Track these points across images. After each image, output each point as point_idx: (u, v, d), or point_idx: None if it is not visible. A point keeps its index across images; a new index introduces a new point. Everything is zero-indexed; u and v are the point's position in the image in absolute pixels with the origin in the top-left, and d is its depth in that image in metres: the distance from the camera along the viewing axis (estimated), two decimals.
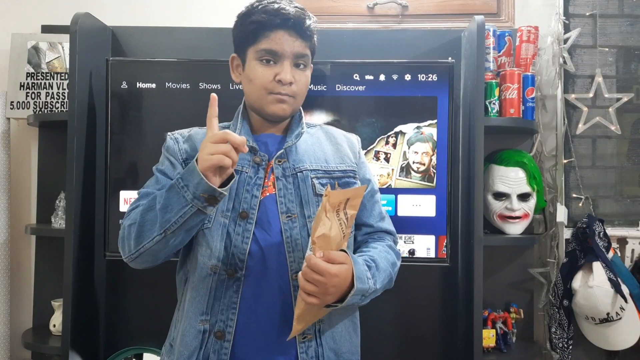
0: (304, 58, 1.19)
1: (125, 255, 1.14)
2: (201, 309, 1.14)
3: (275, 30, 1.15)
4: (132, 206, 1.16)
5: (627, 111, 2.05)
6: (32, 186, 2.12)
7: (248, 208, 1.16)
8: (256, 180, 1.18)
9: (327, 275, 1.02)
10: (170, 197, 1.06)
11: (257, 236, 1.15)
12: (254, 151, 1.20)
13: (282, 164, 1.20)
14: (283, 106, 1.18)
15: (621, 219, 2.05)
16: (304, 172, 1.21)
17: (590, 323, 1.87)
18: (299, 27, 1.16)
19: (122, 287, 2.00)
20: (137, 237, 1.10)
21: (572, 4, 2.05)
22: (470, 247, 1.77)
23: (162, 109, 1.82)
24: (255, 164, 1.19)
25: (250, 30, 1.17)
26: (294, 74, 1.17)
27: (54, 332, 1.94)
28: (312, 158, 1.23)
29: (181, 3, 2.14)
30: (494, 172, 1.91)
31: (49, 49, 2.06)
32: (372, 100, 1.81)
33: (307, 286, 1.02)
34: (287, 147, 1.21)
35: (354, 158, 1.30)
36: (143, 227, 1.09)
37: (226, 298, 1.14)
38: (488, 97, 1.88)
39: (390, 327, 1.99)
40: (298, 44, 1.17)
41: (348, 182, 1.25)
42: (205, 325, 1.14)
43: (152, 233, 1.08)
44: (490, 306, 1.96)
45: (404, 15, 2.12)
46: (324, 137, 1.30)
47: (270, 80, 1.16)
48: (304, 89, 1.22)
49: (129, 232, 1.11)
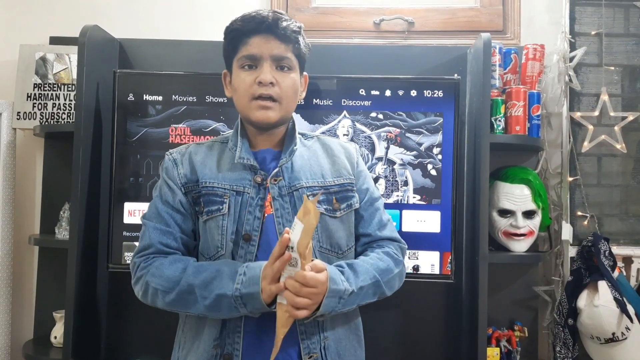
0: (285, 60, 1.18)
1: (146, 302, 1.18)
2: (215, 334, 1.14)
3: (252, 35, 1.16)
4: (141, 254, 1.18)
5: (633, 130, 2.05)
6: (37, 197, 2.12)
7: (251, 230, 1.15)
8: (258, 201, 1.17)
9: (320, 285, 1.03)
10: (222, 305, 1.09)
11: (260, 259, 1.14)
12: (255, 170, 1.19)
13: (278, 182, 1.19)
14: (268, 113, 1.16)
15: (627, 238, 2.04)
16: (300, 191, 1.19)
17: (596, 343, 1.85)
18: (275, 29, 1.16)
19: (124, 299, 1.99)
20: (168, 305, 1.14)
21: (578, 23, 2.06)
22: (475, 264, 1.76)
23: (168, 121, 1.83)
24: (256, 184, 1.18)
25: (230, 40, 1.20)
26: (275, 76, 1.16)
27: (55, 344, 1.93)
28: (309, 174, 1.22)
29: (188, 16, 2.15)
30: (499, 189, 1.90)
31: (56, 60, 2.07)
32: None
33: (300, 301, 1.02)
34: (282, 166, 1.20)
35: (352, 169, 1.27)
36: (178, 304, 1.13)
37: (231, 322, 1.14)
38: (494, 114, 1.88)
39: (393, 343, 1.97)
40: (276, 45, 1.16)
41: (346, 197, 1.24)
42: (217, 350, 1.14)
43: (188, 309, 1.13)
44: (495, 324, 1.95)
45: (410, 32, 2.13)
46: (320, 150, 1.28)
47: (251, 84, 1.16)
48: (289, 92, 1.19)
49: (155, 294, 1.14)
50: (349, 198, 1.24)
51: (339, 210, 1.21)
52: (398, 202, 1.82)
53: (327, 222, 1.19)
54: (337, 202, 1.21)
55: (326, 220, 1.19)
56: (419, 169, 1.83)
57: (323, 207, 1.19)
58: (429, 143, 1.83)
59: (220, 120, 1.81)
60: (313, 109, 1.82)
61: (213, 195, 1.17)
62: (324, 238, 1.19)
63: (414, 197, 1.82)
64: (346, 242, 1.23)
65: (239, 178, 1.18)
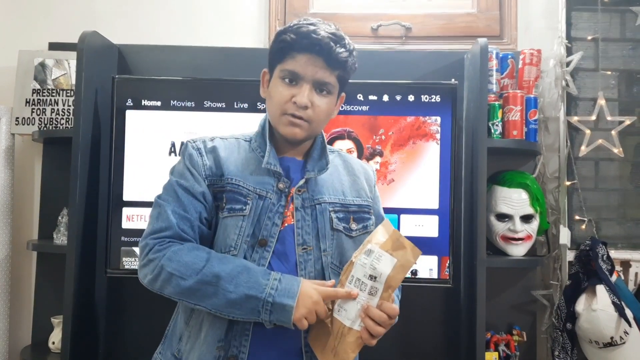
0: (326, 85, 1.15)
1: (152, 288, 1.12)
2: (220, 335, 1.12)
3: (302, 52, 1.12)
4: (156, 235, 1.12)
5: (630, 134, 2.05)
6: (35, 202, 2.12)
7: (268, 236, 1.14)
8: (278, 208, 1.15)
9: (396, 316, 1.08)
10: (245, 304, 1.05)
11: (273, 266, 1.13)
12: (278, 176, 1.17)
13: (302, 194, 1.18)
14: (295, 130, 1.14)
15: (624, 242, 2.04)
16: (323, 205, 1.18)
17: (594, 347, 1.85)
18: (326, 54, 1.12)
19: (122, 304, 1.99)
20: (180, 294, 1.08)
21: (575, 28, 2.07)
22: (473, 268, 1.76)
23: (167, 126, 1.83)
24: (278, 190, 1.17)
25: (279, 48, 1.15)
26: (312, 99, 1.13)
27: (53, 349, 1.93)
28: (331, 189, 1.21)
29: (187, 22, 2.16)
30: (496, 193, 1.90)
31: (55, 66, 2.08)
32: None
33: (380, 331, 1.07)
34: (308, 178, 1.19)
35: (370, 192, 1.28)
36: (194, 294, 1.07)
37: (239, 324, 1.11)
38: (491, 118, 1.88)
39: (391, 348, 1.97)
40: (322, 70, 1.13)
41: (363, 217, 1.24)
42: (221, 352, 1.11)
43: (202, 301, 1.07)
44: (493, 328, 1.95)
45: (408, 37, 2.14)
46: (342, 167, 1.27)
47: (286, 100, 1.13)
48: (322, 115, 1.16)
49: (169, 279, 1.08)
50: (365, 219, 1.24)
51: (354, 230, 1.22)
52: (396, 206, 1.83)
53: (342, 240, 1.19)
54: (354, 222, 1.21)
55: (342, 238, 1.19)
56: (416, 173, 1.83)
57: (342, 225, 1.20)
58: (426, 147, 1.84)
59: (218, 125, 1.82)
60: None
61: (237, 193, 1.15)
62: (336, 255, 1.19)
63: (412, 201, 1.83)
64: None
65: (263, 182, 1.16)
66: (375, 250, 1.05)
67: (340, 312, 1.06)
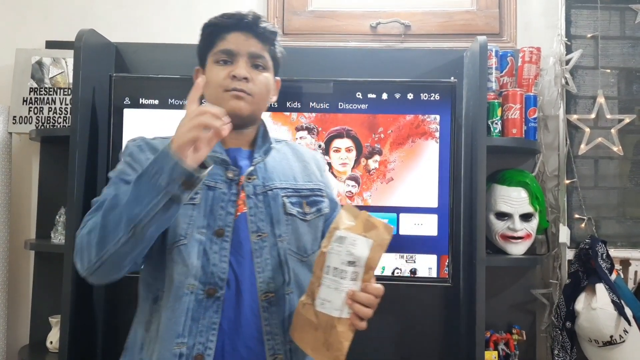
0: (261, 59, 1.19)
1: (85, 267, 1.05)
2: (177, 331, 1.08)
3: (231, 31, 1.18)
4: (88, 217, 1.08)
5: (630, 132, 2.05)
6: (33, 201, 2.11)
7: (223, 225, 1.13)
8: (230, 197, 1.15)
9: (381, 294, 1.05)
10: (140, 188, 0.98)
11: (231, 257, 1.12)
12: (226, 165, 1.17)
13: (253, 181, 1.17)
14: (240, 103, 1.14)
15: (624, 241, 2.04)
16: (274, 191, 1.18)
17: (594, 346, 1.85)
18: (254, 27, 1.18)
19: (120, 304, 1.98)
20: (100, 242, 1.01)
21: (574, 26, 2.06)
22: (472, 267, 1.76)
23: (165, 125, 1.82)
24: (228, 179, 1.16)
25: (208, 34, 1.21)
26: (250, 72, 1.16)
27: (51, 349, 1.92)
28: (281, 175, 1.21)
29: (185, 20, 2.15)
30: (496, 192, 1.90)
31: (52, 65, 2.07)
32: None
33: (369, 313, 1.03)
34: (256, 164, 1.19)
35: (320, 176, 1.28)
36: (106, 230, 1.00)
37: (205, 319, 1.08)
38: (490, 117, 1.88)
39: (390, 347, 1.97)
40: (253, 43, 1.18)
41: (316, 201, 1.23)
42: (182, 349, 1.07)
43: (117, 233, 0.99)
44: (492, 327, 1.94)
45: (407, 35, 2.13)
46: (290, 154, 1.28)
47: (225, 77, 1.15)
48: (263, 89, 1.19)
49: (89, 239, 1.02)
50: (318, 203, 1.24)
51: (308, 214, 1.21)
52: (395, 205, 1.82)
53: (297, 225, 1.19)
54: (307, 206, 1.21)
55: (297, 222, 1.19)
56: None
57: (295, 209, 1.19)
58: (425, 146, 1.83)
59: None
60: (309, 112, 1.82)
61: None
62: (293, 240, 1.18)
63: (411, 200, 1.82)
64: (311, 246, 1.22)
65: (210, 172, 1.10)
66: (348, 235, 1.02)
67: (324, 305, 1.03)
